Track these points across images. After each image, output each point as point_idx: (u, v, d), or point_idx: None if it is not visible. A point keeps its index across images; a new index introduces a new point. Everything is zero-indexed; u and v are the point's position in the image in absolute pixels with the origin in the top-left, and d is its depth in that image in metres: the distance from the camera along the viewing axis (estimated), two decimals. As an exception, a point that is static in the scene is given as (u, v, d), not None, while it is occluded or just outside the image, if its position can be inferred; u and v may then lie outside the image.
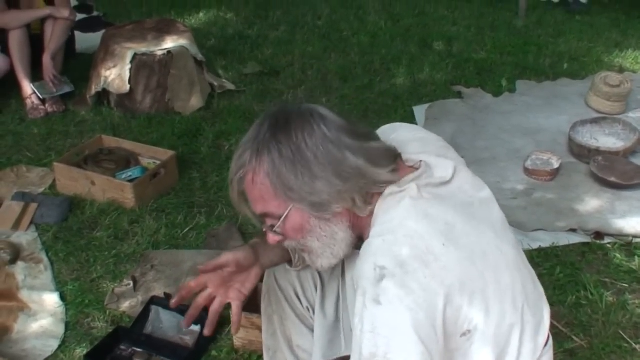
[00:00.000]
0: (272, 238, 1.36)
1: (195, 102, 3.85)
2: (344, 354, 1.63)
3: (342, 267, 1.59)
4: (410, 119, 3.71)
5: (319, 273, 1.68)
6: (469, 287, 1.22)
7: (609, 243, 2.74)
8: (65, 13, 3.81)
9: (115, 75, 3.73)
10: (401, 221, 1.24)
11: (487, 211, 1.35)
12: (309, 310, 1.71)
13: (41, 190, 3.10)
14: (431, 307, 1.18)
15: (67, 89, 3.92)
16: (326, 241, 1.34)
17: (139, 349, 2.22)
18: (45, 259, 2.65)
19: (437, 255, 1.21)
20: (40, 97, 3.80)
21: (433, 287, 1.18)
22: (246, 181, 1.28)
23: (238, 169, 1.29)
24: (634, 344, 2.24)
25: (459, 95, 4.07)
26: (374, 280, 1.19)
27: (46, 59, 3.80)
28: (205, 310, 2.33)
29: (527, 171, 3.20)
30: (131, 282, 2.47)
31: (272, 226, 1.33)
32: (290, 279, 1.67)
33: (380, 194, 1.30)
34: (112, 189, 2.96)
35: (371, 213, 1.30)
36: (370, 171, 1.27)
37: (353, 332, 1.23)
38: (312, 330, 1.70)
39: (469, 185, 1.36)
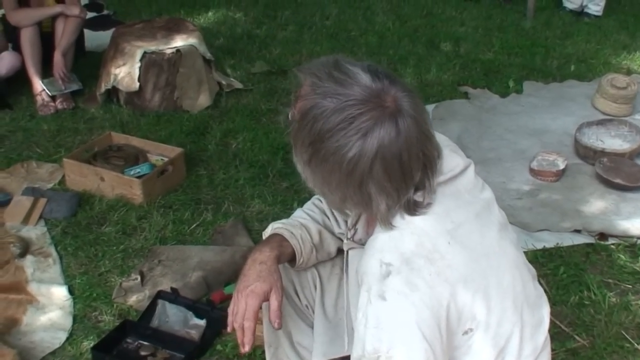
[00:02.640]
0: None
1: (204, 100, 3.87)
2: (347, 353, 1.62)
3: (342, 265, 1.59)
4: (417, 119, 3.72)
5: (318, 272, 1.69)
6: (472, 286, 1.23)
7: (613, 244, 2.74)
8: (75, 11, 3.85)
9: (125, 73, 3.76)
10: (407, 218, 1.23)
11: (489, 211, 1.35)
12: (307, 308, 1.72)
13: (50, 185, 3.13)
14: (436, 304, 1.18)
15: (76, 86, 3.95)
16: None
17: (145, 342, 2.25)
18: (54, 253, 2.68)
19: (443, 254, 1.21)
20: (49, 94, 3.83)
21: (438, 285, 1.19)
22: (305, 87, 1.22)
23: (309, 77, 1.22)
24: (636, 344, 2.25)
25: (465, 95, 4.08)
26: (379, 277, 1.20)
27: (57, 57, 3.83)
28: (210, 305, 2.37)
29: (533, 172, 3.20)
30: (138, 277, 2.49)
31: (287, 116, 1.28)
32: (289, 276, 1.67)
33: None
34: (121, 185, 2.99)
35: None
36: (407, 197, 1.22)
37: (356, 328, 1.23)
38: (311, 327, 1.70)
39: (472, 185, 1.36)
